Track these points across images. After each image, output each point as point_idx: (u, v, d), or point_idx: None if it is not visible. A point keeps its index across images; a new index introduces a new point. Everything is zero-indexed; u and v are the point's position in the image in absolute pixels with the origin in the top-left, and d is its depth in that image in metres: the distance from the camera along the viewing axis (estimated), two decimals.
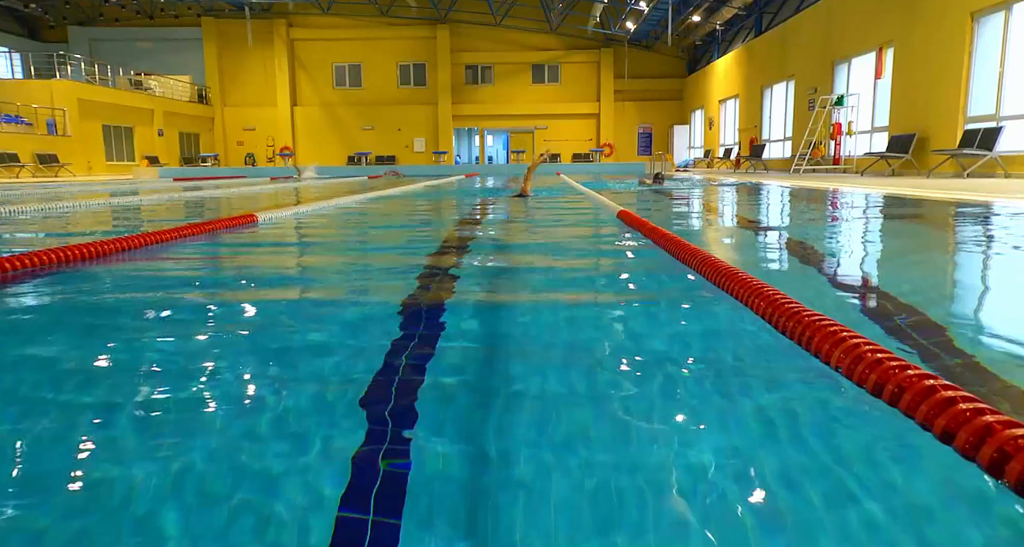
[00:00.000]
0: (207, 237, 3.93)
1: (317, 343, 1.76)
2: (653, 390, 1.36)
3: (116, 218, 5.95)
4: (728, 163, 22.00)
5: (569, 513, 0.90)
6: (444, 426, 1.18)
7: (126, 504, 0.93)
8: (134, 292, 2.53)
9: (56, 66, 23.14)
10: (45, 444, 1.14)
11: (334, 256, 3.64)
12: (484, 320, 2.03)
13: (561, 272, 2.93)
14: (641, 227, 3.84)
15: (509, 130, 31.29)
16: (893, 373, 1.10)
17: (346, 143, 30.46)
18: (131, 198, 8.75)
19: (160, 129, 26.72)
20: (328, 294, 2.54)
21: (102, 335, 1.88)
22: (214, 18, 29.39)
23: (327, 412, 1.27)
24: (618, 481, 0.97)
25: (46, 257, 2.70)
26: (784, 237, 4.42)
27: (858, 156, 15.24)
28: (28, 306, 2.28)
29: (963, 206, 5.74)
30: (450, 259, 3.25)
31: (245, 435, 1.16)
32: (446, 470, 1.02)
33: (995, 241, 3.89)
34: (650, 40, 29.13)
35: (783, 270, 3.03)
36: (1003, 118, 10.71)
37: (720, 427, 1.18)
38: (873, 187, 8.58)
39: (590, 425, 1.19)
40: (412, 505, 0.90)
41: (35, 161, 20.44)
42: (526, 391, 1.36)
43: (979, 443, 0.89)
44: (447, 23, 29.47)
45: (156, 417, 1.25)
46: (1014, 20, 10.54)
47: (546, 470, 1.02)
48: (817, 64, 16.91)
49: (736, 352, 1.66)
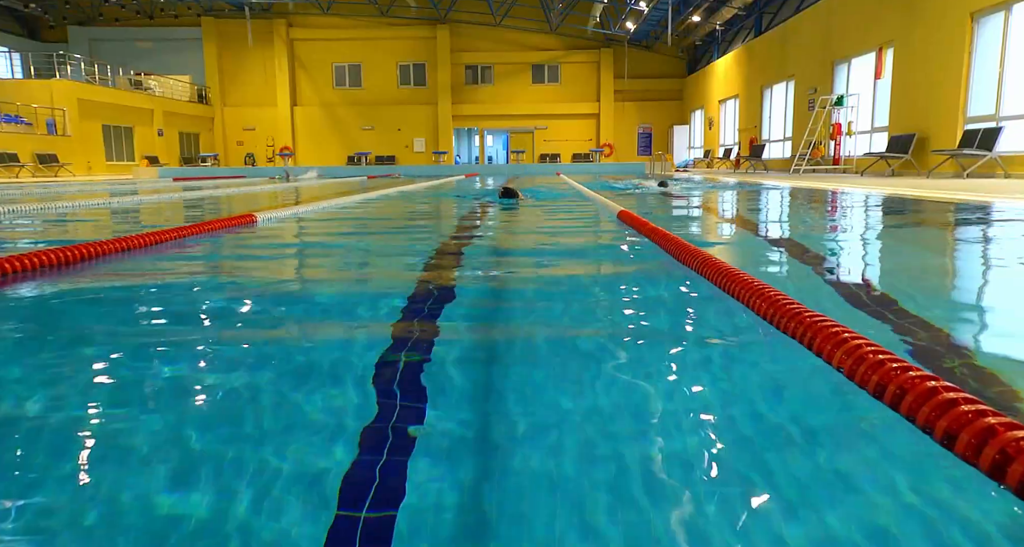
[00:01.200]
0: (206, 236, 3.92)
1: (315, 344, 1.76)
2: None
3: (115, 218, 5.95)
4: (728, 163, 22.00)
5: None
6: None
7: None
8: (133, 291, 2.52)
9: (56, 66, 23.15)
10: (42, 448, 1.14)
11: (331, 256, 3.64)
12: (484, 320, 2.03)
13: (562, 271, 2.93)
14: (641, 228, 3.83)
15: (509, 130, 31.30)
16: (895, 374, 1.10)
17: (346, 143, 30.47)
18: (130, 198, 8.75)
19: (160, 129, 26.73)
20: (324, 294, 2.53)
21: (101, 335, 1.87)
22: (214, 18, 29.41)
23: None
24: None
25: (45, 257, 2.69)
26: (784, 238, 4.42)
27: (858, 156, 15.24)
28: (27, 306, 2.27)
29: (963, 207, 5.74)
30: (449, 262, 3.24)
31: (239, 437, 1.15)
32: (440, 502, 1.01)
33: (995, 241, 3.89)
34: (650, 40, 29.14)
35: (784, 270, 3.03)
36: (1003, 118, 10.72)
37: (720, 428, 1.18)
38: (873, 187, 8.58)
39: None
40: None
41: (35, 161, 20.44)
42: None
43: (981, 445, 0.88)
44: (447, 23, 29.48)
45: (156, 418, 1.24)
46: (1014, 20, 10.55)
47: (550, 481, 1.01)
48: (817, 64, 16.91)
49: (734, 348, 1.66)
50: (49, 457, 1.09)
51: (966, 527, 0.88)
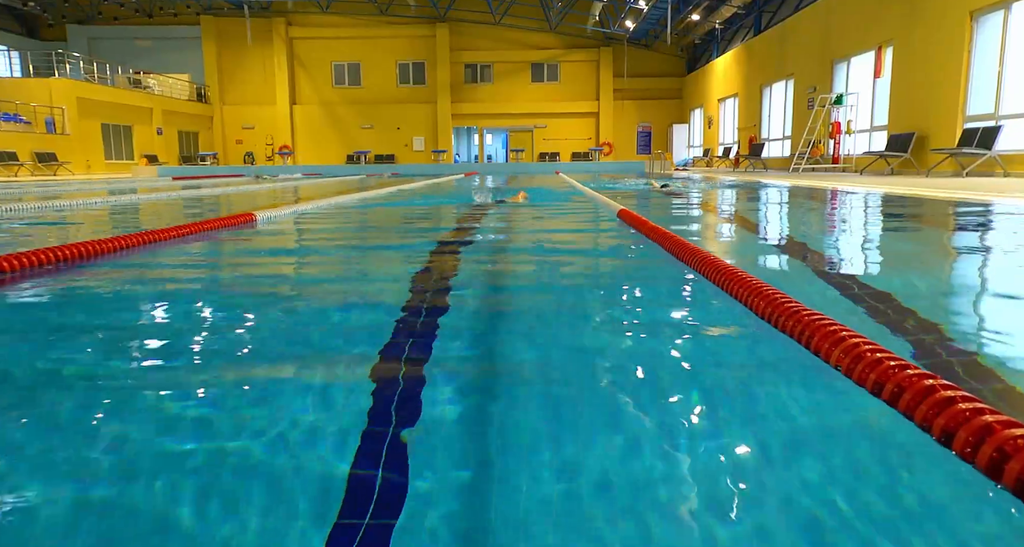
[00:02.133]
0: (204, 236, 3.92)
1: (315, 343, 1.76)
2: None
3: (113, 217, 5.95)
4: (727, 162, 21.99)
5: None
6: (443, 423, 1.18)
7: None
8: (131, 290, 2.53)
9: (55, 64, 23.11)
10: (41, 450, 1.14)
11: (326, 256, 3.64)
12: (483, 320, 2.03)
13: (560, 268, 2.93)
14: (641, 226, 3.84)
15: (508, 129, 31.28)
16: (892, 372, 1.10)
17: (345, 142, 30.45)
18: (130, 197, 8.74)
19: (159, 128, 26.70)
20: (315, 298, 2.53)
21: (99, 335, 1.88)
22: (213, 16, 29.37)
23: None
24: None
25: (44, 256, 2.69)
26: (783, 236, 4.42)
27: (857, 155, 15.24)
28: (26, 306, 2.27)
29: (962, 205, 5.74)
30: (449, 260, 3.24)
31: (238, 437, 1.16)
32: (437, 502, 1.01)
33: (994, 240, 3.89)
34: (649, 39, 29.13)
35: (783, 269, 3.03)
36: (1002, 117, 10.72)
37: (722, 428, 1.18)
38: (872, 186, 8.58)
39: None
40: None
41: (34, 160, 20.42)
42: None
43: (978, 443, 0.88)
44: (446, 22, 29.46)
45: (154, 414, 1.24)
46: (1013, 19, 10.54)
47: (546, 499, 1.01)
48: (816, 63, 16.91)
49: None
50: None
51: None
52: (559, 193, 8.94)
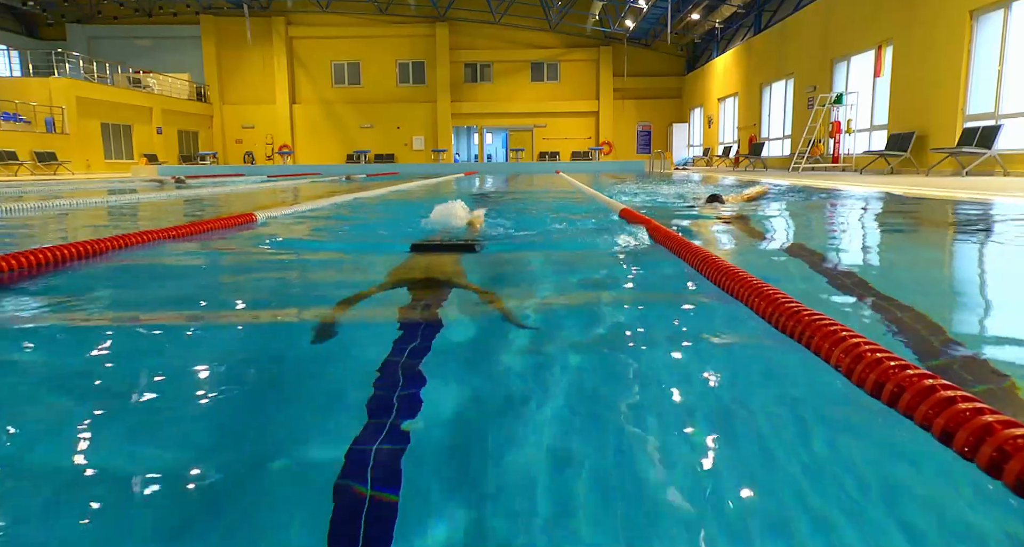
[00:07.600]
0: (204, 236, 3.92)
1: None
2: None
3: (112, 216, 5.94)
4: (727, 161, 21.99)
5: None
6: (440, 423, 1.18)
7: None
8: (130, 289, 2.52)
9: (54, 64, 23.08)
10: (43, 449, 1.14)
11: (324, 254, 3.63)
12: (484, 316, 2.03)
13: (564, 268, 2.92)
14: (645, 224, 3.83)
15: (508, 128, 31.27)
16: (892, 372, 1.10)
17: (345, 141, 30.43)
18: (129, 196, 8.73)
19: (159, 127, 26.68)
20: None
21: (97, 334, 1.87)
22: (213, 16, 29.35)
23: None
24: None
25: (42, 255, 2.69)
26: (782, 236, 4.42)
27: (857, 154, 15.24)
28: (25, 306, 2.27)
29: (962, 204, 5.74)
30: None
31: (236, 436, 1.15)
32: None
33: (994, 240, 3.89)
34: (649, 38, 29.11)
35: (782, 269, 3.03)
36: (1002, 116, 10.71)
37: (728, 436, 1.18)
38: (872, 185, 8.57)
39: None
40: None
41: (33, 159, 20.41)
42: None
43: (978, 443, 0.88)
44: (446, 21, 29.44)
45: (152, 415, 1.24)
46: (1013, 18, 10.54)
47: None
48: (816, 62, 16.90)
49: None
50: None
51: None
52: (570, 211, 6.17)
